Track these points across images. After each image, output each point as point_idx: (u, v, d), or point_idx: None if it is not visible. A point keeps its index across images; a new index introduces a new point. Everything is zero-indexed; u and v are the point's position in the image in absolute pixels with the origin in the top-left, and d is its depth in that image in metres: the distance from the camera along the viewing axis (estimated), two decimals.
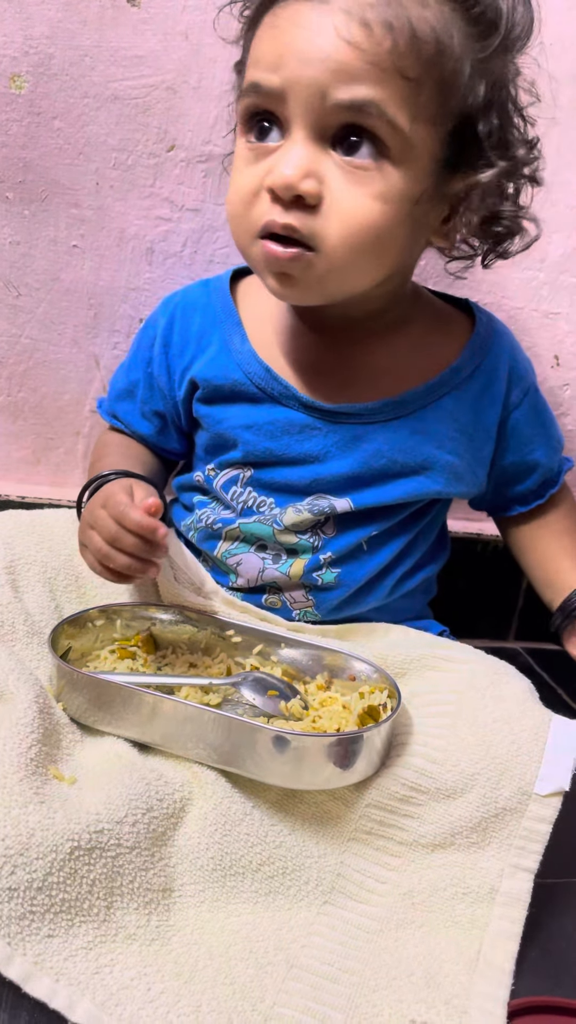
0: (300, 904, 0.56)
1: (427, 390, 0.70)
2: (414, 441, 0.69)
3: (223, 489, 0.72)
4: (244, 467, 0.71)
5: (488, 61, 0.58)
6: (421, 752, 0.60)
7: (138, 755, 0.59)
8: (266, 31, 0.59)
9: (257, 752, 0.56)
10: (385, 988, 0.51)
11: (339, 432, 0.69)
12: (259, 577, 0.71)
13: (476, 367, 0.71)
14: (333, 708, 0.63)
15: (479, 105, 0.59)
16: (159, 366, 0.75)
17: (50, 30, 0.76)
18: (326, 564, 0.70)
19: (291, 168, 0.56)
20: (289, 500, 0.70)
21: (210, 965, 0.50)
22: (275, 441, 0.70)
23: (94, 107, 0.79)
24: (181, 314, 0.74)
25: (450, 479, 0.71)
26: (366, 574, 0.71)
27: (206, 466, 0.74)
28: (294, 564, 0.71)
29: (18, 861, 0.47)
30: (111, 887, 0.50)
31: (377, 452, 0.69)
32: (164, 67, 0.78)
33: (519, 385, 0.74)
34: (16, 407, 0.89)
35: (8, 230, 0.82)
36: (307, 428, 0.69)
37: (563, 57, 0.84)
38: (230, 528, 0.72)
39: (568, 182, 0.89)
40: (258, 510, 0.71)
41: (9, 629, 0.64)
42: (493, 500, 0.79)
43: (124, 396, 0.78)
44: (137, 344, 0.78)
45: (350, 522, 0.70)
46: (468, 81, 0.58)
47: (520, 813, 0.58)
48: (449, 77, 0.57)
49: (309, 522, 0.70)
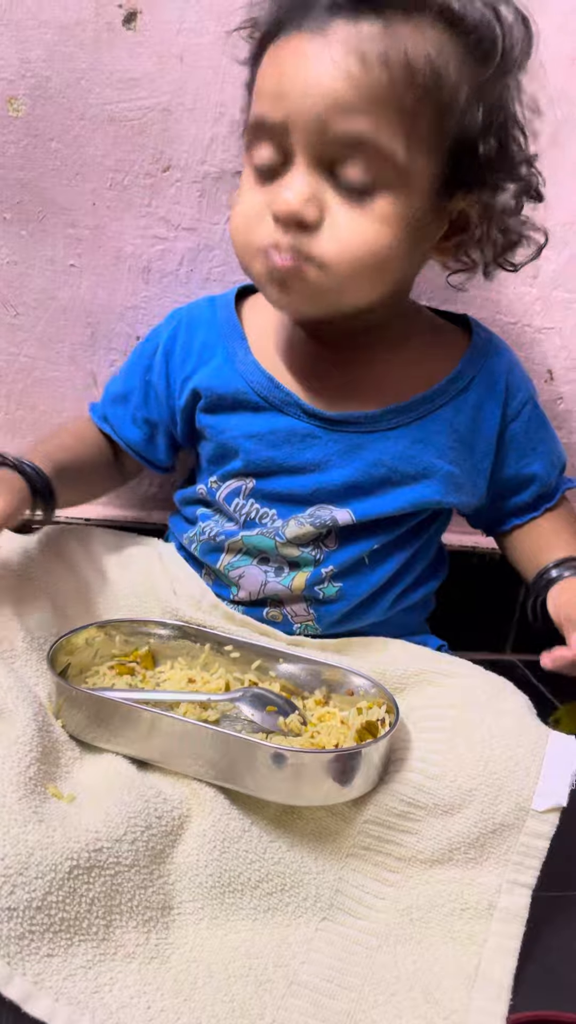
0: (299, 920, 0.56)
1: (426, 399, 0.71)
2: (414, 450, 0.70)
3: (226, 501, 0.73)
4: (246, 478, 0.72)
5: (486, 85, 0.59)
6: (419, 768, 0.60)
7: (137, 772, 0.59)
8: (270, 63, 0.61)
9: (256, 769, 0.56)
10: (384, 1004, 0.51)
11: (340, 441, 0.70)
12: (261, 590, 0.72)
13: (473, 378, 0.72)
14: (331, 723, 0.64)
15: (477, 127, 0.60)
16: (158, 375, 0.76)
17: (47, 53, 0.77)
18: (328, 578, 0.71)
19: (294, 196, 0.59)
20: (291, 511, 0.71)
21: (209, 982, 0.50)
22: (277, 450, 0.71)
23: (90, 128, 0.80)
24: (186, 327, 0.76)
25: (450, 489, 0.72)
26: (368, 588, 0.72)
27: (209, 478, 0.75)
28: (296, 577, 0.71)
29: (17, 880, 0.47)
30: (110, 905, 0.50)
31: (377, 461, 0.70)
32: (160, 89, 0.79)
33: (517, 397, 0.74)
34: (14, 424, 0.90)
35: (6, 250, 0.83)
36: (308, 437, 0.70)
37: (553, 73, 0.85)
38: (233, 540, 0.72)
39: (560, 197, 0.89)
40: (260, 522, 0.72)
41: (8, 646, 0.64)
42: (490, 514, 0.79)
43: (118, 401, 0.79)
44: (138, 353, 0.79)
45: (352, 535, 0.71)
46: (466, 106, 0.59)
47: (518, 829, 0.58)
48: (447, 104, 0.58)
49: (311, 535, 0.70)
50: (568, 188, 0.90)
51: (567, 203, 0.90)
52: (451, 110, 0.58)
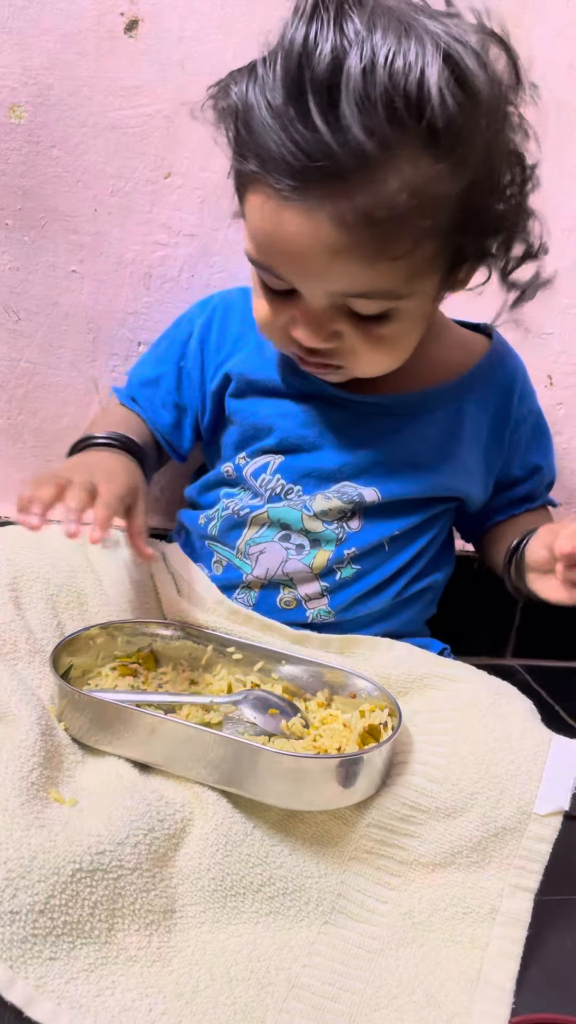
0: (301, 924, 0.56)
1: (450, 389, 0.74)
2: (438, 437, 0.73)
3: (253, 476, 0.75)
4: (276, 454, 0.74)
5: (476, 179, 0.58)
6: (421, 771, 0.60)
7: (139, 776, 0.59)
8: (256, 209, 0.60)
9: (258, 773, 0.56)
10: (386, 1007, 0.51)
11: (368, 424, 0.73)
12: (279, 568, 0.73)
13: (493, 377, 0.76)
14: (334, 726, 0.64)
15: (478, 222, 0.61)
16: (193, 361, 0.79)
17: (49, 61, 0.77)
18: (348, 559, 0.72)
19: (309, 339, 0.64)
20: (317, 487, 0.73)
21: (211, 986, 0.50)
22: (308, 429, 0.73)
23: (92, 136, 0.80)
24: (221, 315, 0.79)
25: (467, 479, 0.75)
26: (384, 574, 0.73)
27: (236, 455, 0.76)
28: (318, 555, 0.72)
29: (20, 884, 0.47)
30: (112, 909, 0.50)
31: (404, 445, 0.73)
32: (161, 96, 0.80)
33: (526, 403, 0.78)
34: (16, 430, 0.90)
35: (8, 256, 0.83)
36: (337, 419, 0.73)
37: (551, 82, 0.85)
38: (257, 514, 0.74)
39: (558, 205, 0.90)
40: (287, 497, 0.73)
41: (11, 647, 0.64)
42: (479, 515, 0.81)
43: (148, 385, 0.81)
44: (169, 340, 0.82)
45: (375, 518, 0.73)
46: (458, 203, 0.58)
47: (520, 833, 0.58)
48: (442, 224, 0.58)
49: (337, 510, 0.72)
50: (568, 194, 0.90)
51: (567, 209, 0.91)
52: (443, 219, 0.58)
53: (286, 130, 0.54)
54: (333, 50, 0.52)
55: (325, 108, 0.53)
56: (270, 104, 0.55)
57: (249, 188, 0.60)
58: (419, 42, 0.53)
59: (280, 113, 0.55)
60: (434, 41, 0.53)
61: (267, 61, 0.56)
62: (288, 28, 0.54)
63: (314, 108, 0.53)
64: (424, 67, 0.53)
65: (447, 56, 0.53)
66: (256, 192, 0.59)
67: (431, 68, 0.53)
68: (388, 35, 0.53)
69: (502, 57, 0.57)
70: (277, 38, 0.55)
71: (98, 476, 0.65)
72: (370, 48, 0.52)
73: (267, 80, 0.55)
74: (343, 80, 0.52)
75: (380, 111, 0.53)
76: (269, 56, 0.56)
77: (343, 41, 0.53)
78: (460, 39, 0.54)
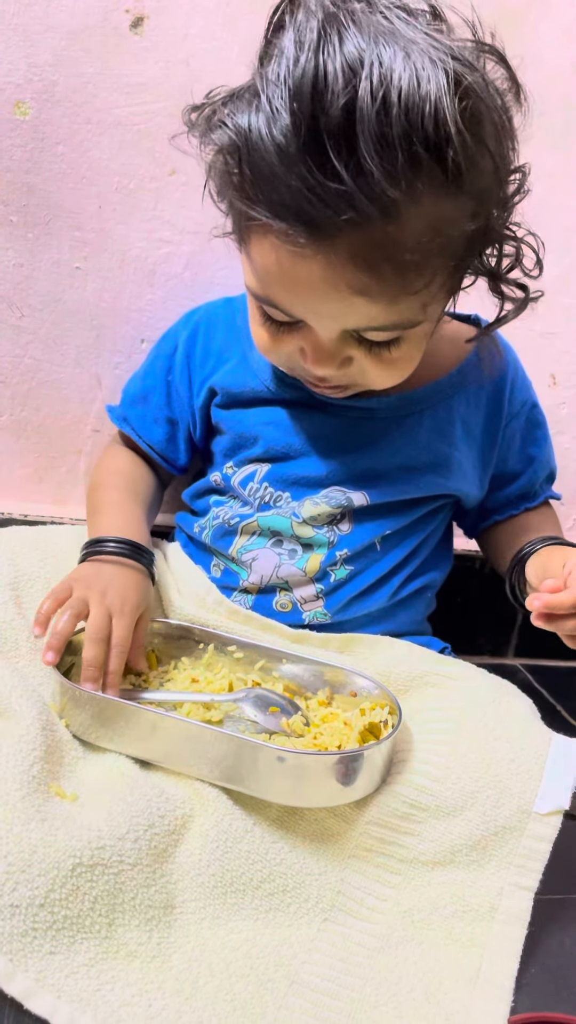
0: (301, 921, 0.56)
1: (437, 387, 0.73)
2: (426, 438, 0.73)
3: (240, 486, 0.75)
4: (262, 463, 0.74)
5: (484, 199, 0.57)
6: (421, 769, 0.60)
7: (140, 772, 0.59)
8: (262, 247, 0.58)
9: (258, 770, 0.57)
10: (385, 1004, 0.51)
11: (355, 429, 0.73)
12: (274, 574, 0.73)
13: (480, 372, 0.75)
14: (334, 725, 0.64)
15: (484, 244, 0.61)
16: (180, 375, 0.79)
17: (54, 58, 0.77)
18: (341, 561, 0.72)
19: (323, 371, 0.63)
20: (305, 493, 0.73)
21: (211, 982, 0.50)
22: (294, 437, 0.73)
23: (97, 132, 0.80)
24: (205, 328, 0.79)
25: (459, 477, 0.74)
26: (377, 573, 0.73)
27: (224, 464, 0.76)
28: (310, 559, 0.72)
29: (20, 878, 0.48)
30: (113, 904, 0.51)
31: (391, 447, 0.72)
32: (166, 93, 0.80)
33: (518, 395, 0.78)
34: (19, 426, 0.90)
35: (12, 252, 0.83)
36: (323, 425, 0.73)
37: (556, 81, 0.85)
38: (247, 523, 0.73)
39: (561, 203, 0.90)
40: (275, 504, 0.73)
41: (12, 645, 0.65)
42: (476, 512, 0.81)
43: (138, 401, 0.81)
44: (156, 354, 0.81)
45: (365, 519, 0.73)
46: (473, 230, 0.57)
47: (520, 831, 0.58)
48: (456, 247, 0.57)
49: (327, 515, 0.72)
50: (570, 194, 0.90)
51: (569, 208, 0.91)
52: (463, 252, 0.58)
53: (304, 180, 0.51)
54: (345, 86, 0.49)
55: (343, 154, 0.50)
56: (281, 149, 0.51)
57: (255, 230, 0.57)
58: (427, 66, 0.50)
59: (295, 161, 0.51)
60: (443, 68, 0.51)
61: (269, 92, 0.52)
62: (288, 59, 0.51)
63: (333, 155, 0.50)
64: (438, 101, 0.50)
65: (456, 82, 0.51)
66: (264, 235, 0.57)
67: (444, 100, 0.50)
68: (395, 61, 0.50)
69: (499, 69, 0.56)
70: (264, 53, 0.53)
71: (111, 597, 0.64)
72: (378, 78, 0.49)
73: (275, 119, 0.52)
74: (358, 121, 0.49)
75: (400, 155, 0.50)
76: (270, 86, 0.52)
77: (352, 76, 0.49)
78: (463, 59, 0.52)
